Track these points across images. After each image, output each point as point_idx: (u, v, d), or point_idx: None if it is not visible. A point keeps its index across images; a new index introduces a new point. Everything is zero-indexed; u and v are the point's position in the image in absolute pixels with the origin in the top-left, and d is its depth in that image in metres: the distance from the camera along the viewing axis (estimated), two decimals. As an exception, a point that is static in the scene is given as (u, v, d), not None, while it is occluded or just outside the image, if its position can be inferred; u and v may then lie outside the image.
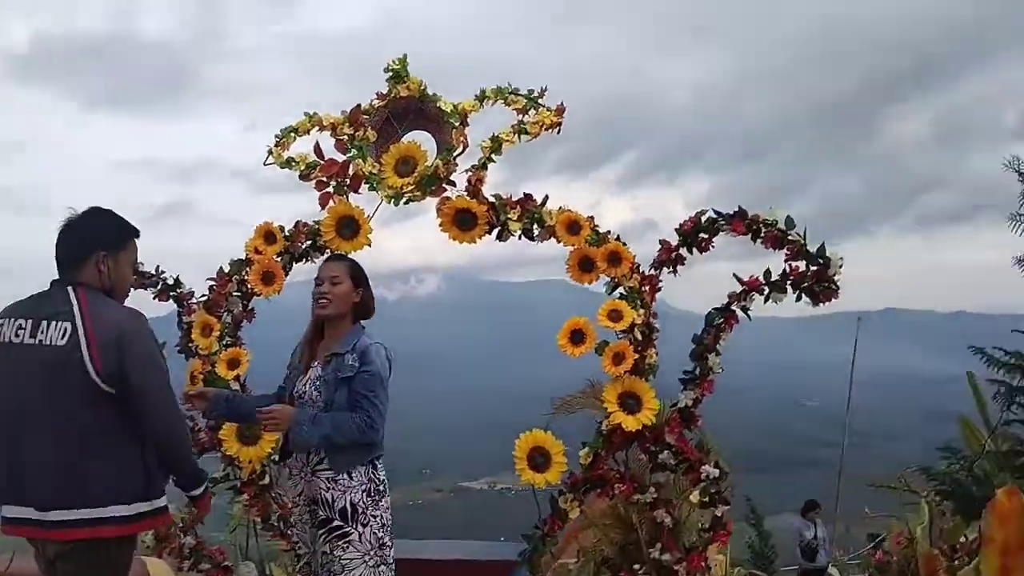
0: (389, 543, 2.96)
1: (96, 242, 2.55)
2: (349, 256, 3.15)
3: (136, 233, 2.67)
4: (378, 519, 2.93)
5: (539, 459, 3.53)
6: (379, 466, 2.99)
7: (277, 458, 3.25)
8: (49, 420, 2.36)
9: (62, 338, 2.36)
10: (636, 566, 3.64)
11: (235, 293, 4.49)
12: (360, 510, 2.89)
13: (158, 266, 4.69)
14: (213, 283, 4.50)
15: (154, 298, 4.62)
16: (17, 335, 2.41)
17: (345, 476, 2.88)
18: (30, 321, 2.41)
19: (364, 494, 2.90)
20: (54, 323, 2.38)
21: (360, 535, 2.88)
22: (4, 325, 2.45)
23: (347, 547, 2.86)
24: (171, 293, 4.62)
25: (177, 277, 4.68)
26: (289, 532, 3.35)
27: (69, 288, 2.46)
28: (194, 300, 4.56)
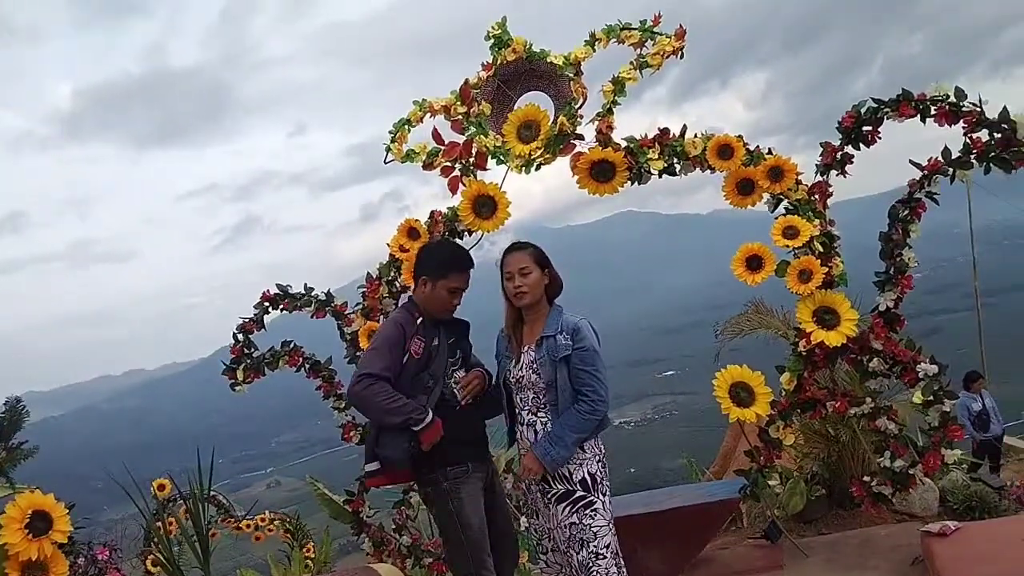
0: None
1: (422, 268, 3.20)
2: (528, 243, 3.12)
3: (460, 266, 3.17)
4: (610, 489, 3.00)
5: (743, 394, 3.44)
6: (600, 438, 3.01)
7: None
8: None
9: None
10: (867, 478, 3.52)
11: (386, 296, 4.54)
12: (598, 480, 2.95)
13: (306, 284, 4.79)
14: (365, 289, 4.56)
15: (312, 316, 4.71)
16: None
17: (579, 449, 2.91)
18: None
19: (599, 465, 2.95)
20: None
21: (603, 503, 2.93)
22: None
23: (595, 515, 2.91)
24: (326, 309, 4.70)
25: (328, 291, 4.76)
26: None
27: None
28: (349, 311, 4.64)
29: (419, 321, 3.12)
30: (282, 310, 4.85)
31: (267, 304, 4.81)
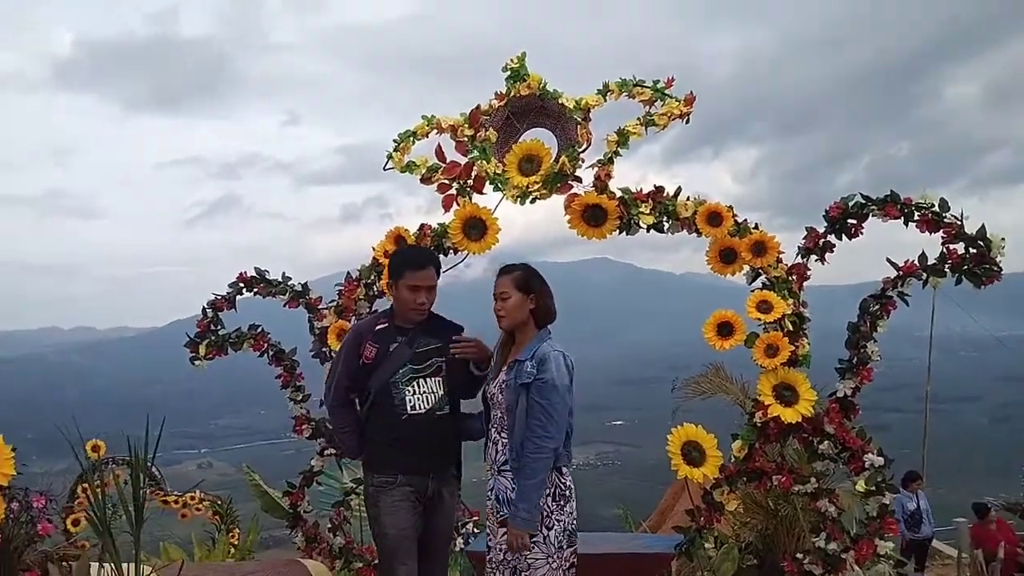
0: (572, 547, 3.01)
1: (389, 274, 3.36)
2: (520, 265, 3.17)
3: (414, 263, 3.23)
4: (562, 524, 2.97)
5: (694, 453, 3.51)
6: (565, 471, 3.01)
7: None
8: None
9: None
10: (799, 555, 3.61)
11: (361, 299, 4.56)
12: (545, 513, 2.93)
13: (284, 273, 4.79)
14: (341, 288, 4.58)
15: (284, 305, 4.71)
16: None
17: None
18: None
19: (549, 498, 2.94)
20: None
21: (544, 537, 2.92)
22: None
23: (532, 547, 2.90)
24: (300, 300, 4.70)
25: (305, 284, 4.77)
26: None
27: None
28: (323, 306, 4.64)
29: (379, 327, 3.25)
30: (256, 293, 4.84)
31: (242, 285, 4.79)
